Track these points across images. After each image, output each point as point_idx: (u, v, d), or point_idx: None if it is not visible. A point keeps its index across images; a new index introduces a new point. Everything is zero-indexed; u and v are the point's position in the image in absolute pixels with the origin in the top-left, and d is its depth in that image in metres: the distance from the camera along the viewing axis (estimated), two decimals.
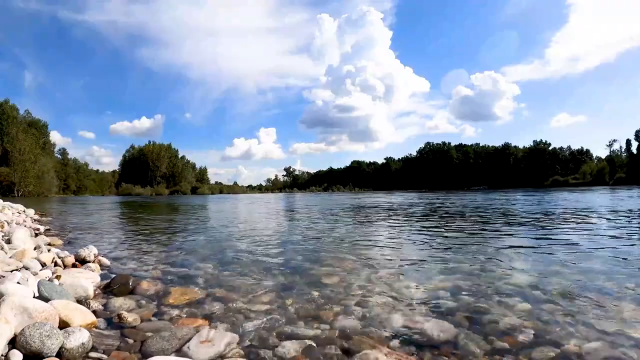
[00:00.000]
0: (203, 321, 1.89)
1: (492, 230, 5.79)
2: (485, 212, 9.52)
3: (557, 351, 1.53)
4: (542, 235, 5.01)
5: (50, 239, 4.62)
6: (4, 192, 52.43)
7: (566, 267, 2.99)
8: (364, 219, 8.55)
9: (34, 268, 2.64)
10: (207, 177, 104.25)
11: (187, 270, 3.08)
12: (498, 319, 1.89)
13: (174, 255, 3.83)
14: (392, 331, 1.77)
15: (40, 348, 1.39)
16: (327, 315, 1.98)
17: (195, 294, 2.36)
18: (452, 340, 1.65)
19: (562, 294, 2.28)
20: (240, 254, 3.85)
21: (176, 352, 1.55)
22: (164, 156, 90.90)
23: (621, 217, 7.30)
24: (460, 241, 4.63)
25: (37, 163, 59.57)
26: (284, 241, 4.91)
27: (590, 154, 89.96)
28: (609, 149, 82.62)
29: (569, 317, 1.88)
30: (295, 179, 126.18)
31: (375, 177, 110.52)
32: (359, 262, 3.36)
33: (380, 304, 2.15)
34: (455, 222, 7.32)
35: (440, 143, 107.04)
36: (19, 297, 1.69)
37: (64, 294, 2.01)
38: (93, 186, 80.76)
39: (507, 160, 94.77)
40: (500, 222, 6.87)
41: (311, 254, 3.80)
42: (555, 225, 6.34)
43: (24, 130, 61.07)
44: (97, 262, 3.26)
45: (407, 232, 5.72)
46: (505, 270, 2.96)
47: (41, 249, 3.43)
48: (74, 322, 1.69)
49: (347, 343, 1.64)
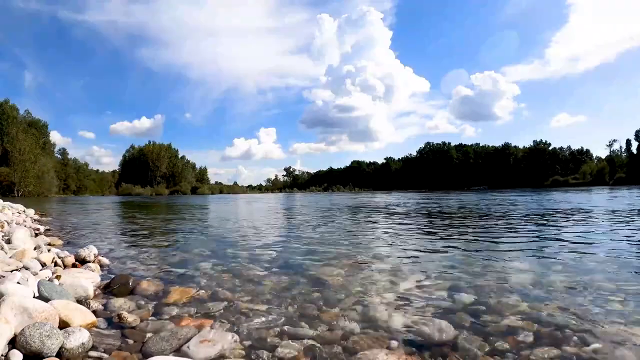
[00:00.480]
0: (203, 321, 1.89)
1: (492, 230, 5.79)
2: (484, 212, 9.52)
3: (557, 352, 1.53)
4: (542, 235, 5.01)
5: (50, 239, 4.62)
6: (4, 192, 52.42)
7: (566, 267, 2.99)
8: (364, 219, 8.55)
9: (34, 268, 2.64)
10: (207, 177, 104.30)
11: (187, 270, 3.08)
12: (498, 319, 1.89)
13: (174, 255, 3.83)
14: (392, 331, 1.77)
15: (40, 348, 1.39)
16: (327, 315, 1.98)
17: (195, 293, 2.36)
18: (452, 340, 1.65)
19: (562, 294, 2.28)
20: (240, 254, 3.84)
21: (176, 352, 1.55)
22: (164, 156, 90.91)
23: (621, 217, 7.30)
24: (460, 241, 4.63)
25: (37, 163, 59.59)
26: (284, 241, 4.91)
27: (590, 154, 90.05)
28: (609, 149, 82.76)
29: (569, 318, 1.88)
30: (295, 179, 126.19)
31: (375, 177, 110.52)
32: (359, 262, 3.36)
33: (380, 304, 2.15)
34: (454, 222, 7.32)
35: (440, 143, 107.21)
36: (19, 297, 1.69)
37: (64, 294, 2.01)
38: (93, 186, 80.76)
39: (507, 160, 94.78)
40: (500, 222, 6.86)
41: (311, 254, 3.80)
42: (555, 225, 6.34)
43: (24, 130, 61.08)
44: (97, 262, 3.26)
45: (407, 232, 5.72)
46: (505, 270, 2.96)
47: (41, 249, 3.43)
48: (74, 322, 1.69)
49: (347, 343, 1.64)
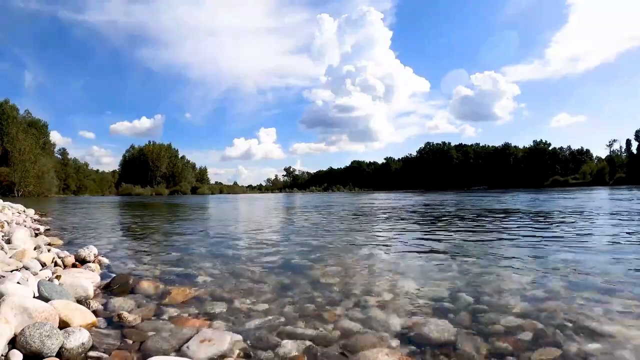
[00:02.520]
0: (203, 321, 1.89)
1: (492, 230, 5.78)
2: (484, 212, 9.51)
3: (557, 352, 1.52)
4: (542, 235, 5.00)
5: (50, 239, 4.62)
6: (4, 192, 52.42)
7: (566, 267, 2.98)
8: (363, 219, 8.55)
9: (34, 268, 2.64)
10: (207, 177, 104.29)
11: (187, 270, 3.07)
12: (498, 319, 1.89)
13: (174, 255, 3.83)
14: (392, 331, 1.77)
15: (40, 348, 1.39)
16: (327, 315, 1.98)
17: (195, 293, 2.35)
18: (452, 340, 1.65)
19: (562, 293, 2.28)
20: (241, 254, 3.85)
21: (176, 351, 1.55)
22: (164, 156, 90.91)
23: (621, 217, 7.30)
24: (460, 241, 4.62)
25: (37, 163, 59.58)
26: (284, 241, 4.91)
27: (590, 154, 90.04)
28: (609, 149, 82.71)
29: (569, 318, 1.88)
30: (295, 179, 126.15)
31: (375, 177, 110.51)
32: (359, 262, 3.36)
33: (380, 304, 2.15)
34: (454, 222, 7.32)
35: (440, 143, 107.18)
36: (19, 297, 1.69)
37: (64, 294, 2.01)
38: (93, 186, 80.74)
39: (507, 160, 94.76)
40: (500, 222, 6.86)
41: (311, 254, 3.80)
42: (555, 225, 6.34)
43: (24, 130, 61.08)
44: (97, 261, 3.26)
45: (407, 232, 5.72)
46: (505, 269, 2.95)
47: (41, 249, 3.42)
48: (74, 322, 1.69)
49: (347, 343, 1.64)
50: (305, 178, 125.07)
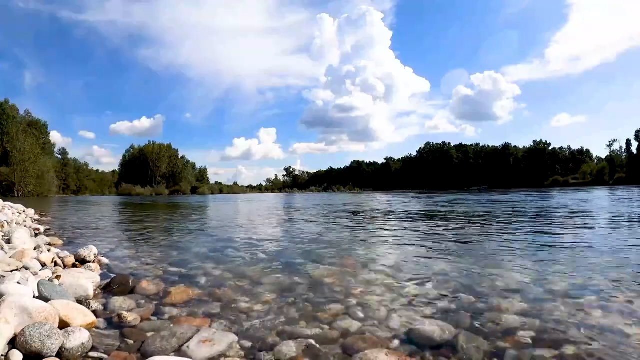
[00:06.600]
0: (203, 321, 1.89)
1: (492, 230, 5.78)
2: (484, 212, 9.51)
3: (557, 352, 1.53)
4: (542, 235, 5.01)
5: (50, 239, 4.62)
6: (4, 192, 52.38)
7: (566, 267, 2.98)
8: (363, 219, 8.55)
9: (34, 268, 2.63)
10: (207, 177, 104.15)
11: (187, 270, 3.07)
12: (498, 319, 1.89)
13: (174, 255, 3.83)
14: (392, 331, 1.77)
15: (40, 348, 1.39)
16: (327, 315, 1.98)
17: (195, 293, 2.36)
18: (452, 340, 1.65)
19: (562, 293, 2.28)
20: (241, 254, 3.85)
21: (176, 351, 1.55)
22: (164, 156, 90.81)
23: (621, 217, 7.30)
24: (460, 241, 4.63)
25: (37, 163, 59.45)
26: (284, 241, 4.91)
27: (590, 154, 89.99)
28: (609, 149, 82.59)
29: (569, 317, 1.88)
30: (295, 179, 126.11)
31: (375, 177, 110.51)
32: (358, 262, 3.36)
33: (380, 303, 2.15)
34: (454, 222, 7.32)
35: (440, 143, 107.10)
36: (19, 297, 1.69)
37: (64, 294, 2.01)
38: (93, 186, 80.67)
39: (507, 160, 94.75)
40: (500, 222, 6.86)
41: (311, 254, 3.80)
42: (555, 224, 6.34)
43: (24, 130, 60.98)
44: (97, 262, 3.25)
45: (407, 232, 5.72)
46: (505, 269, 2.95)
47: (41, 249, 3.42)
48: (74, 322, 1.69)
49: (347, 343, 1.64)
50: (305, 178, 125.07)
